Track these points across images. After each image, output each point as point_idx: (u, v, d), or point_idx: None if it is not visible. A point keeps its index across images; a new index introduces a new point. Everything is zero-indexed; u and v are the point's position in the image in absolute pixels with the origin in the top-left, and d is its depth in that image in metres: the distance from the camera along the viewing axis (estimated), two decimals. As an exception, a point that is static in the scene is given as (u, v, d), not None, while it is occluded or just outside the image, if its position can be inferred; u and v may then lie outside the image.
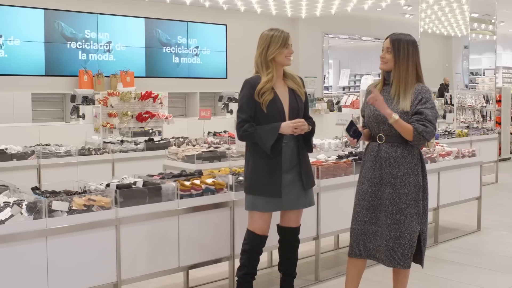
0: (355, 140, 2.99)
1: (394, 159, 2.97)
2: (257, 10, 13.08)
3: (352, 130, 2.99)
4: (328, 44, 17.57)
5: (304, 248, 4.38)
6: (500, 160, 10.15)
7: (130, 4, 11.56)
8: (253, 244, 3.21)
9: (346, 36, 16.51)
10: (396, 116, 2.87)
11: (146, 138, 6.70)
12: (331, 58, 20.67)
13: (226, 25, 13.14)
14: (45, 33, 10.55)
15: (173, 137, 6.85)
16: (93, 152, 5.94)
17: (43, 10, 10.48)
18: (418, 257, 3.06)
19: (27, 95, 10.16)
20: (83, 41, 11.07)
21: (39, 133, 7.41)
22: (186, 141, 6.31)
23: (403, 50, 2.96)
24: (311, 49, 14.68)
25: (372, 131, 3.07)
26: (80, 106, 8.22)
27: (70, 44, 10.89)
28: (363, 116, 3.16)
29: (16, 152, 5.49)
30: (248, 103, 3.12)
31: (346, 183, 4.10)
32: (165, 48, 12.29)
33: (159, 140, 6.61)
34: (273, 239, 3.37)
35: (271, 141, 3.06)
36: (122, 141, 6.46)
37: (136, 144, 6.34)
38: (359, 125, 3.09)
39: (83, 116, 7.99)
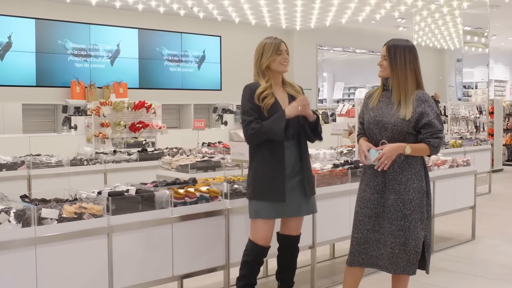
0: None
1: (398, 165, 2.92)
2: (252, 21, 13.12)
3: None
4: (322, 57, 17.66)
5: (300, 258, 4.28)
6: (493, 171, 10.17)
7: (123, 14, 11.54)
8: (255, 255, 3.16)
9: (340, 49, 16.59)
10: (409, 149, 2.85)
11: (139, 149, 6.63)
12: (325, 71, 20.77)
13: (220, 36, 13.16)
14: (36, 43, 10.49)
15: (166, 148, 6.79)
16: (85, 163, 5.86)
17: (34, 19, 10.43)
18: (422, 264, 3.02)
19: (18, 106, 10.07)
20: (75, 51, 11.02)
21: (29, 144, 7.33)
22: (180, 151, 6.25)
23: (399, 57, 2.93)
24: (305, 61, 14.74)
25: (373, 137, 3.01)
26: (72, 117, 8.15)
27: (62, 54, 10.83)
28: (361, 123, 3.13)
29: (5, 162, 5.40)
30: (252, 106, 3.11)
31: (342, 191, 4.05)
32: (159, 59, 12.26)
33: (152, 151, 6.55)
34: (272, 247, 3.31)
35: (282, 125, 3.01)
36: (115, 151, 6.39)
37: (129, 154, 6.27)
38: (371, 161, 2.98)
39: (75, 127, 7.91)
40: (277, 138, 3.06)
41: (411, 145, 2.86)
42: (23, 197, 3.11)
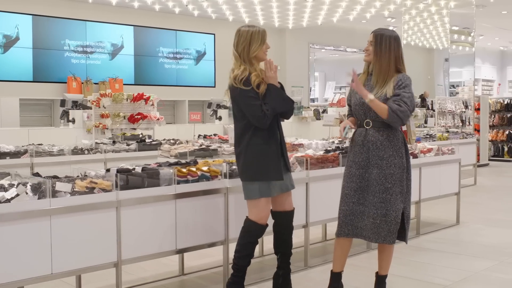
0: (346, 137, 3.30)
1: (380, 142, 3.19)
2: (245, 19, 13.36)
3: (346, 133, 3.28)
4: (314, 57, 17.92)
5: (293, 240, 4.55)
6: (479, 166, 10.49)
7: (119, 12, 11.74)
8: (256, 236, 3.35)
9: (332, 47, 16.87)
10: (371, 96, 3.12)
11: (138, 139, 6.83)
12: (317, 70, 21.04)
13: (214, 34, 13.39)
14: (33, 39, 10.66)
15: (164, 139, 7.00)
16: (86, 152, 6.07)
17: (31, 16, 10.60)
18: (402, 234, 3.28)
19: (15, 100, 10.23)
20: (72, 48, 11.20)
21: (28, 137, 7.50)
22: (177, 142, 6.47)
23: (384, 44, 3.20)
24: (297, 59, 15.00)
25: (359, 117, 3.29)
26: (70, 111, 8.35)
27: (58, 50, 11.01)
28: (349, 105, 3.39)
29: (8, 151, 5.59)
30: (255, 91, 3.27)
31: (333, 174, 4.30)
32: (154, 56, 12.47)
33: (151, 142, 6.76)
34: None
35: (284, 95, 3.33)
36: (114, 142, 6.59)
37: (128, 145, 6.48)
38: (353, 127, 3.32)
39: (73, 121, 8.11)
40: (287, 107, 3.34)
41: (375, 99, 3.12)
42: (35, 174, 3.33)
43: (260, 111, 3.22)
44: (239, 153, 3.36)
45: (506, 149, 12.42)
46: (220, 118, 10.00)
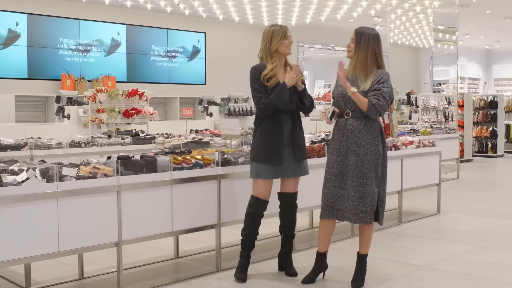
0: (331, 121, 3.59)
1: (358, 131, 3.49)
2: (235, 19, 13.63)
3: (332, 116, 3.59)
4: (303, 56, 18.22)
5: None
6: (463, 161, 10.85)
7: (112, 11, 11.96)
8: (257, 208, 3.70)
9: (321, 46, 17.18)
10: (354, 89, 3.41)
11: (132, 134, 7.08)
12: (306, 69, 21.35)
13: (205, 33, 13.64)
14: (28, 38, 10.85)
15: (157, 133, 7.25)
16: (83, 145, 6.31)
17: (25, 14, 10.79)
18: (377, 216, 3.58)
19: (11, 97, 10.40)
20: (66, 46, 11.39)
21: (25, 132, 7.71)
22: (170, 136, 6.72)
23: (364, 41, 3.51)
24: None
25: (340, 108, 3.60)
26: (65, 107, 8.56)
27: (52, 49, 11.20)
28: (333, 97, 3.67)
29: (9, 143, 5.81)
30: (260, 84, 3.66)
31: (319, 164, 4.56)
32: (146, 55, 12.70)
33: (145, 136, 7.01)
34: (274, 207, 3.84)
35: (287, 95, 3.62)
36: (109, 136, 6.83)
37: (123, 138, 6.72)
38: (337, 110, 3.61)
39: (68, 116, 8.33)
40: (286, 106, 3.65)
41: (357, 92, 3.41)
42: (41, 161, 3.57)
43: (259, 104, 3.63)
44: (252, 134, 3.84)
45: (490, 145, 12.81)
46: (211, 115, 10.26)
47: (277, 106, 3.63)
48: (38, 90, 10.99)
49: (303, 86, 3.75)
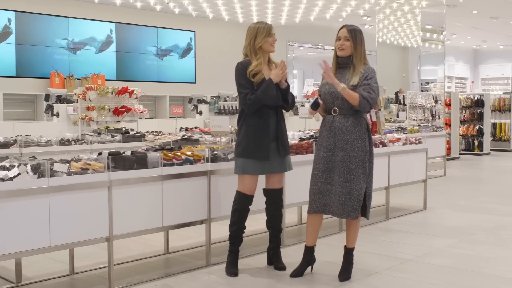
0: (315, 111, 3.58)
1: (345, 128, 3.56)
2: (225, 17, 13.67)
3: (314, 105, 3.62)
4: (293, 55, 18.30)
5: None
6: (450, 159, 11.00)
7: (101, 9, 11.94)
8: (243, 203, 3.76)
9: (310, 45, 17.27)
10: (343, 85, 3.47)
11: (122, 131, 7.10)
12: (296, 68, 21.45)
13: (194, 31, 13.67)
14: (16, 35, 10.81)
15: (147, 131, 7.28)
16: (73, 143, 6.31)
17: (14, 12, 10.74)
18: (364, 211, 3.66)
19: (-1, 95, 10.37)
20: (54, 44, 11.36)
21: (14, 130, 7.70)
22: (160, 133, 6.76)
23: (358, 37, 3.60)
24: (276, 57, 15.14)
25: (327, 106, 3.66)
26: (54, 105, 8.54)
27: (41, 46, 11.17)
28: (319, 95, 3.74)
29: (-2, 141, 5.81)
30: (246, 80, 3.70)
31: (307, 160, 4.62)
32: (136, 53, 12.70)
33: (134, 133, 7.03)
34: (260, 203, 3.89)
35: (273, 91, 3.66)
36: (99, 133, 6.85)
37: (112, 136, 6.74)
38: (320, 102, 3.67)
39: (57, 114, 8.32)
40: (273, 102, 3.69)
41: (346, 88, 3.47)
42: (32, 157, 3.60)
43: (245, 99, 3.66)
44: (237, 131, 3.85)
45: (476, 143, 12.99)
46: (200, 113, 10.30)
47: (264, 102, 3.68)
48: (27, 88, 10.95)
49: (286, 84, 3.79)
